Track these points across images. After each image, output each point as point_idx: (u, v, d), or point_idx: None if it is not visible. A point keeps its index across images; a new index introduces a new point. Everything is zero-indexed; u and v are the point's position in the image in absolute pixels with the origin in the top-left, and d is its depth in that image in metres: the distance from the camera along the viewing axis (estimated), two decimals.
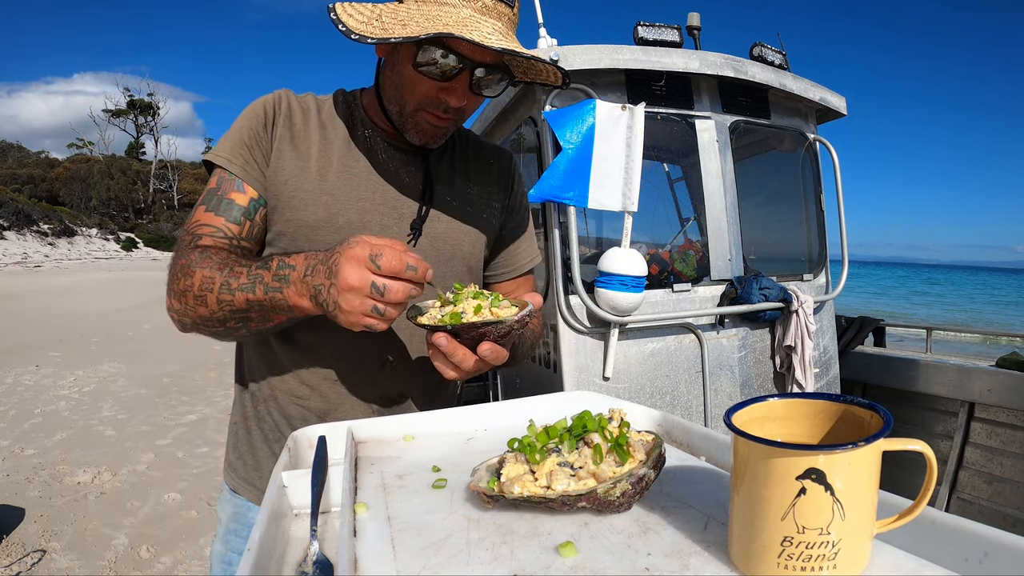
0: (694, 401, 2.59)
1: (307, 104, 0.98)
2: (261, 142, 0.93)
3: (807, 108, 2.99)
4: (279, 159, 0.93)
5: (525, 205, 1.17)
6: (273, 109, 0.95)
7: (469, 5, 0.82)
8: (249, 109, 0.96)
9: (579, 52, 2.37)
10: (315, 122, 0.97)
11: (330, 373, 0.97)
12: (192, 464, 4.03)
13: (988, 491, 2.97)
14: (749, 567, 0.43)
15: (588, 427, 0.58)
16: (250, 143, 0.92)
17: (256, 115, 0.94)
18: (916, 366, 3.28)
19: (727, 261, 2.70)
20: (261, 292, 0.78)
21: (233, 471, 1.05)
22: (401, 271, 0.69)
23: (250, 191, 0.92)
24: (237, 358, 1.07)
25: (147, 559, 2.83)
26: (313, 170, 0.94)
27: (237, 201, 0.91)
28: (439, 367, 0.80)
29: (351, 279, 0.69)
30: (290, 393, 0.98)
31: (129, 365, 7.20)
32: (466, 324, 0.75)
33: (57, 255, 28.04)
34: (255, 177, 0.92)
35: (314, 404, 0.98)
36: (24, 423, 4.89)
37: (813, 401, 0.48)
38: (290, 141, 0.94)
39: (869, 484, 0.41)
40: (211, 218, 0.90)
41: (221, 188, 0.91)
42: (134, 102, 46.28)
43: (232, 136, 0.94)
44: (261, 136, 0.93)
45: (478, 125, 3.25)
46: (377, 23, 0.83)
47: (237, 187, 0.91)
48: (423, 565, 0.46)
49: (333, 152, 0.96)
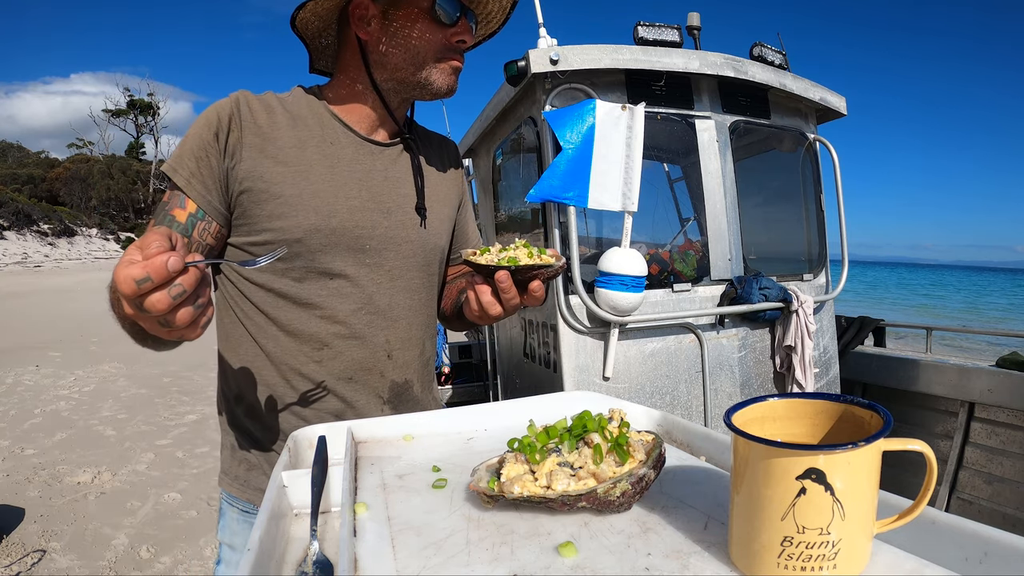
0: (694, 401, 2.59)
1: (269, 103, 0.95)
2: (209, 151, 0.90)
3: (807, 108, 2.99)
4: (253, 167, 0.90)
5: (468, 191, 1.22)
6: (228, 116, 0.91)
7: None
8: (202, 116, 0.92)
9: (579, 52, 2.36)
10: (283, 120, 0.94)
11: (344, 372, 0.98)
12: (192, 464, 4.03)
13: (988, 491, 2.97)
14: (749, 567, 0.43)
15: (588, 427, 0.58)
16: (198, 153, 0.89)
17: (208, 123, 0.90)
18: (916, 366, 3.28)
19: (727, 261, 2.70)
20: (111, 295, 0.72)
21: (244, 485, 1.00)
22: (137, 291, 0.57)
23: (190, 205, 0.89)
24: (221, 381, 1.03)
25: (147, 559, 2.82)
26: (293, 174, 0.92)
27: (177, 218, 0.89)
28: (488, 306, 0.86)
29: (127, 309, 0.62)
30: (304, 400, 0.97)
31: (129, 365, 7.20)
32: (523, 266, 0.84)
33: (57, 255, 28.03)
34: (197, 189, 0.89)
35: (330, 405, 0.98)
36: (24, 423, 4.89)
37: (813, 401, 0.48)
38: (260, 148, 0.91)
39: (869, 484, 0.41)
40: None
41: (169, 203, 0.90)
42: (134, 102, 46.25)
43: (182, 144, 0.91)
44: (210, 145, 0.90)
45: (478, 125, 3.26)
46: None
47: (179, 203, 0.89)
48: (423, 565, 0.46)
49: (310, 151, 0.94)
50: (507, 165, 3.23)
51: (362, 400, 1.00)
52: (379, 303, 0.99)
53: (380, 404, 1.01)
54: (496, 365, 3.66)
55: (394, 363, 1.02)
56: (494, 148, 3.25)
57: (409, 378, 1.05)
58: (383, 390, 1.01)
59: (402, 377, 1.03)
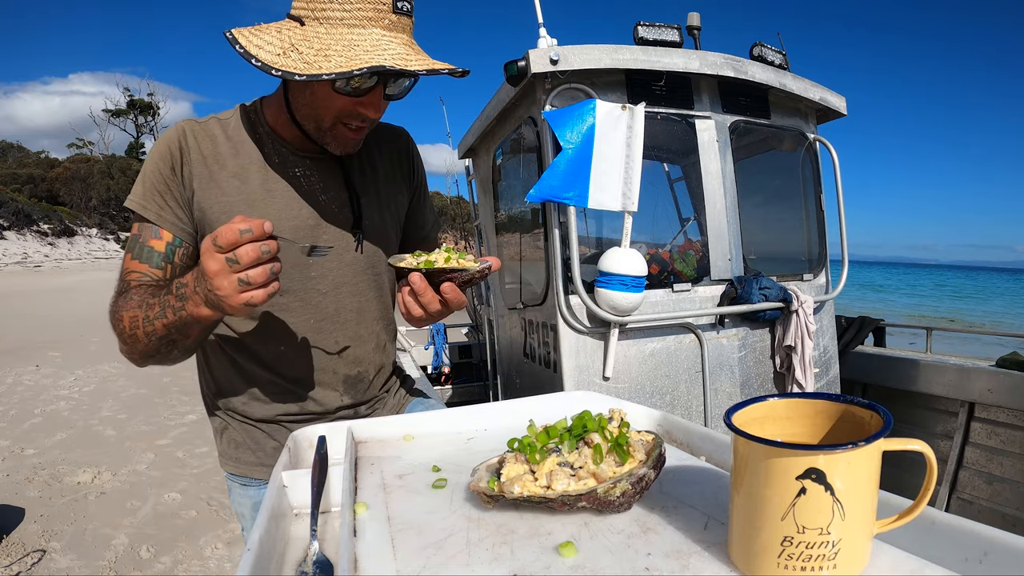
0: (694, 401, 2.59)
1: (212, 131, 1.00)
2: (171, 184, 0.96)
3: (807, 108, 2.99)
4: (204, 198, 0.97)
5: (424, 176, 1.24)
6: (179, 149, 0.97)
7: (377, 24, 0.85)
8: (155, 151, 0.98)
9: (579, 52, 2.36)
10: (227, 149, 0.99)
11: (298, 371, 1.06)
12: (192, 464, 4.03)
13: (988, 491, 2.97)
14: (749, 567, 0.43)
15: (588, 427, 0.58)
16: (160, 188, 0.96)
17: (163, 157, 0.96)
18: (916, 366, 3.28)
19: (727, 261, 2.70)
20: (171, 314, 0.85)
21: (237, 461, 1.11)
22: (237, 240, 0.74)
23: (166, 235, 0.96)
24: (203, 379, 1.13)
25: (147, 559, 2.82)
26: (240, 201, 0.98)
27: (156, 248, 0.96)
28: (409, 306, 0.91)
29: (211, 266, 0.75)
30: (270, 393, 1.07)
31: (129, 365, 7.16)
32: (436, 269, 0.86)
33: (57, 255, 28.03)
34: (170, 220, 0.96)
35: (293, 397, 1.07)
36: (24, 423, 4.89)
37: (813, 401, 0.48)
38: (209, 178, 0.97)
39: (869, 484, 0.41)
40: (136, 265, 0.96)
41: (142, 235, 0.96)
42: (134, 102, 46.23)
43: (143, 181, 0.97)
44: (171, 179, 0.96)
45: (478, 125, 3.26)
46: (295, 54, 0.83)
47: (154, 234, 0.96)
48: (423, 565, 0.46)
49: (253, 177, 0.99)
50: (507, 165, 3.23)
51: (319, 393, 1.08)
52: (326, 310, 1.06)
53: (337, 396, 1.10)
54: (496, 365, 3.66)
55: (345, 360, 1.09)
56: (494, 148, 3.25)
57: (363, 370, 1.12)
58: (337, 384, 1.10)
59: (355, 370, 1.11)
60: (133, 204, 0.96)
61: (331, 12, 0.84)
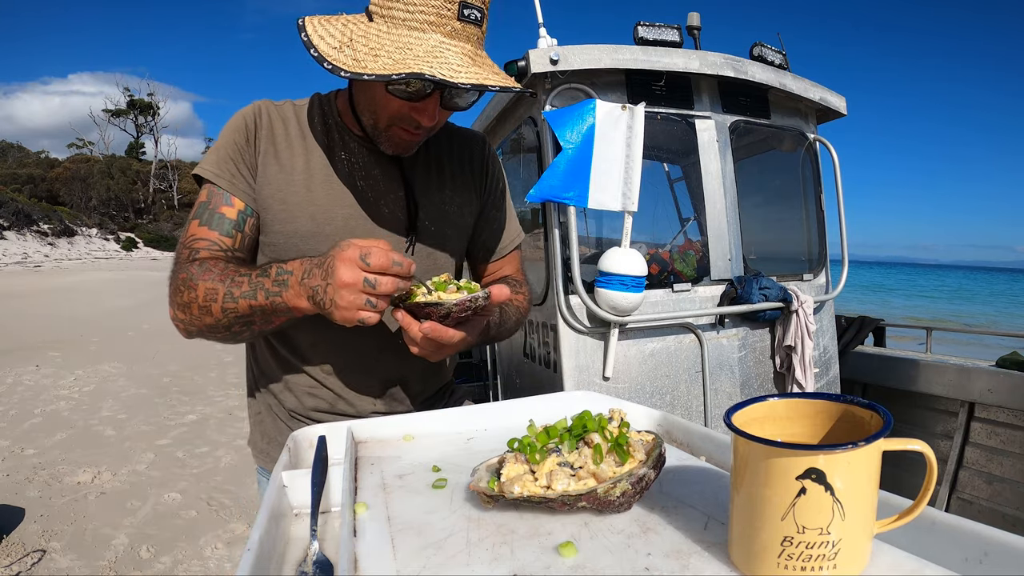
0: (694, 401, 2.59)
1: (286, 114, 1.01)
2: (245, 155, 0.97)
3: (807, 108, 2.99)
4: (265, 174, 0.97)
5: (502, 186, 1.21)
6: (254, 122, 0.98)
7: (438, 30, 0.83)
8: (231, 123, 1.00)
9: (579, 52, 2.36)
10: (296, 132, 1.00)
11: (332, 367, 1.04)
12: (192, 464, 4.03)
13: (988, 491, 2.97)
14: (749, 567, 0.43)
15: (588, 427, 0.58)
16: (235, 157, 0.97)
17: (238, 129, 0.98)
18: (916, 366, 3.28)
19: (727, 261, 2.70)
20: (263, 297, 0.84)
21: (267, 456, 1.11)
22: (388, 267, 0.75)
23: (238, 203, 0.96)
24: (249, 359, 1.14)
25: (147, 559, 2.82)
26: (298, 182, 0.98)
27: (227, 215, 0.95)
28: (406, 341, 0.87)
29: (345, 277, 0.74)
30: (301, 385, 1.06)
31: (129, 365, 7.20)
32: (411, 304, 0.82)
33: (57, 255, 28.03)
34: (242, 189, 0.96)
35: (324, 393, 1.05)
36: (24, 423, 4.89)
37: (813, 401, 0.48)
38: (274, 156, 0.98)
39: (869, 484, 0.41)
40: (205, 232, 0.94)
41: (212, 202, 0.96)
42: (134, 102, 46.25)
43: (218, 150, 0.98)
44: (244, 149, 0.97)
45: (479, 124, 3.26)
46: (348, 51, 0.83)
47: (226, 201, 0.96)
48: (423, 565, 0.46)
49: (315, 162, 0.99)
50: (507, 165, 3.23)
51: (352, 392, 1.06)
52: None
53: (371, 401, 1.07)
54: (496, 365, 3.66)
55: (383, 365, 1.06)
56: (494, 148, 3.25)
57: (404, 373, 1.09)
58: (375, 384, 1.07)
59: (396, 372, 1.08)
60: (206, 172, 0.96)
61: (396, 12, 0.83)
